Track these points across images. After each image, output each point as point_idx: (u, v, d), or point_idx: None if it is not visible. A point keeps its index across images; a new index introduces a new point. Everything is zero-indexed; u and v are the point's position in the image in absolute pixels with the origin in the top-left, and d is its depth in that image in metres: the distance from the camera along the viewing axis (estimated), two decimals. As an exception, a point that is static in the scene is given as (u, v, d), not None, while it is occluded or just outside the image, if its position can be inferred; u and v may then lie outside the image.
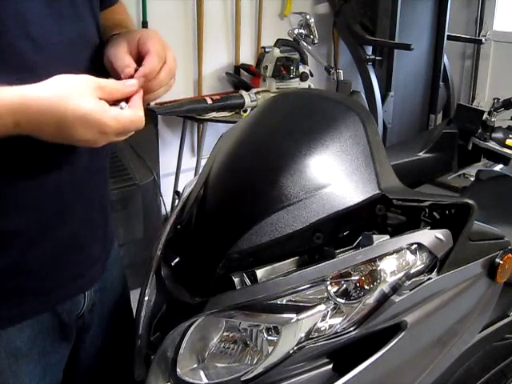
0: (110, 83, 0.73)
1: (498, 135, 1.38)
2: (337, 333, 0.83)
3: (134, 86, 0.75)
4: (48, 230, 0.81)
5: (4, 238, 0.78)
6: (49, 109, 0.67)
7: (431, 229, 0.88)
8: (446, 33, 3.02)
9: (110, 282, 1.00)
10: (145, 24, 2.49)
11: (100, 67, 0.84)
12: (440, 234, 0.87)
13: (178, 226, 0.99)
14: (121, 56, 0.79)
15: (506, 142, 1.37)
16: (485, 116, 1.39)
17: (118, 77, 0.79)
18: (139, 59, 0.79)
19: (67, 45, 0.77)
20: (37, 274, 0.82)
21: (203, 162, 1.05)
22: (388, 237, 0.85)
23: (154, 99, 0.82)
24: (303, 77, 2.59)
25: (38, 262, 0.81)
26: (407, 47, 2.59)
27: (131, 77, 0.77)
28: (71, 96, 0.67)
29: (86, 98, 0.68)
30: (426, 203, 0.89)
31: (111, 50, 0.82)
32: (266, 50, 2.61)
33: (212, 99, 2.39)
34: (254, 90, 2.51)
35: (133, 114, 0.72)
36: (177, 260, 0.93)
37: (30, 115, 0.67)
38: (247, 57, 2.97)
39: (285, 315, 0.80)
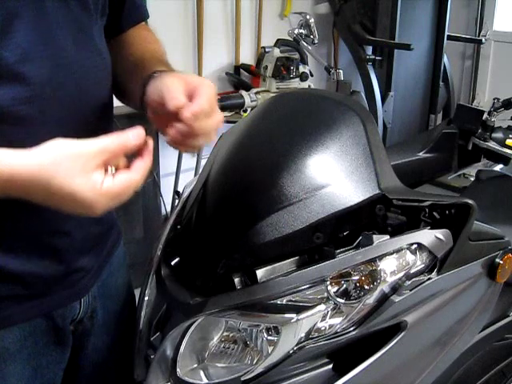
0: (112, 142, 0.66)
1: (498, 135, 1.38)
2: (337, 333, 0.83)
3: (140, 136, 0.68)
4: (46, 239, 0.81)
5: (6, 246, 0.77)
6: (35, 182, 0.63)
7: (431, 229, 0.87)
8: (446, 33, 3.02)
9: (115, 287, 0.99)
10: (145, 24, 2.48)
11: (107, 75, 0.83)
12: (440, 233, 0.87)
13: (178, 226, 0.99)
14: (174, 89, 0.74)
15: (506, 142, 1.36)
16: (485, 116, 1.39)
17: (159, 111, 0.75)
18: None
19: (59, 56, 0.74)
20: (29, 281, 0.81)
21: (203, 162, 1.05)
22: (388, 237, 0.85)
23: (192, 148, 0.76)
24: (303, 77, 2.59)
25: (33, 269, 0.80)
26: (407, 47, 2.59)
27: (177, 112, 0.71)
28: (58, 173, 0.63)
29: (74, 176, 0.63)
30: (426, 203, 0.89)
31: (164, 82, 0.76)
32: (266, 50, 2.61)
33: (212, 99, 2.39)
34: (254, 90, 2.50)
35: (126, 180, 0.67)
36: (177, 260, 0.93)
37: (18, 185, 0.64)
38: (247, 57, 2.97)
39: (285, 315, 0.80)
